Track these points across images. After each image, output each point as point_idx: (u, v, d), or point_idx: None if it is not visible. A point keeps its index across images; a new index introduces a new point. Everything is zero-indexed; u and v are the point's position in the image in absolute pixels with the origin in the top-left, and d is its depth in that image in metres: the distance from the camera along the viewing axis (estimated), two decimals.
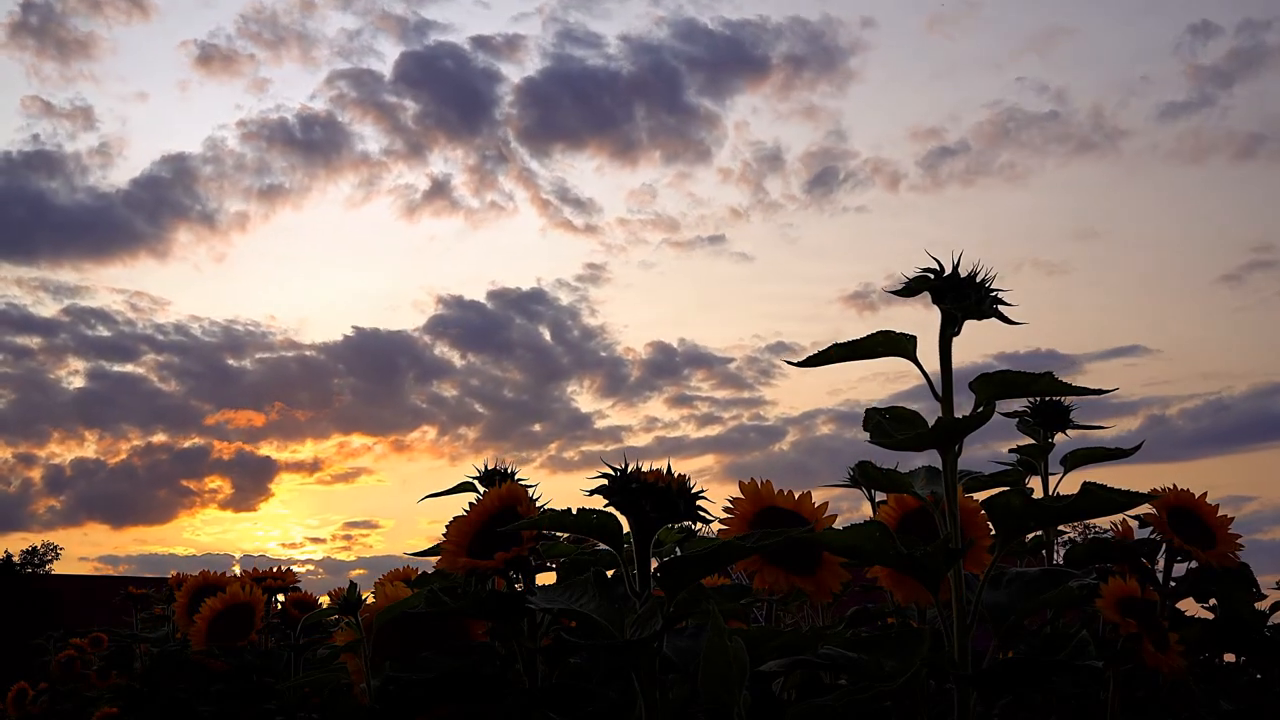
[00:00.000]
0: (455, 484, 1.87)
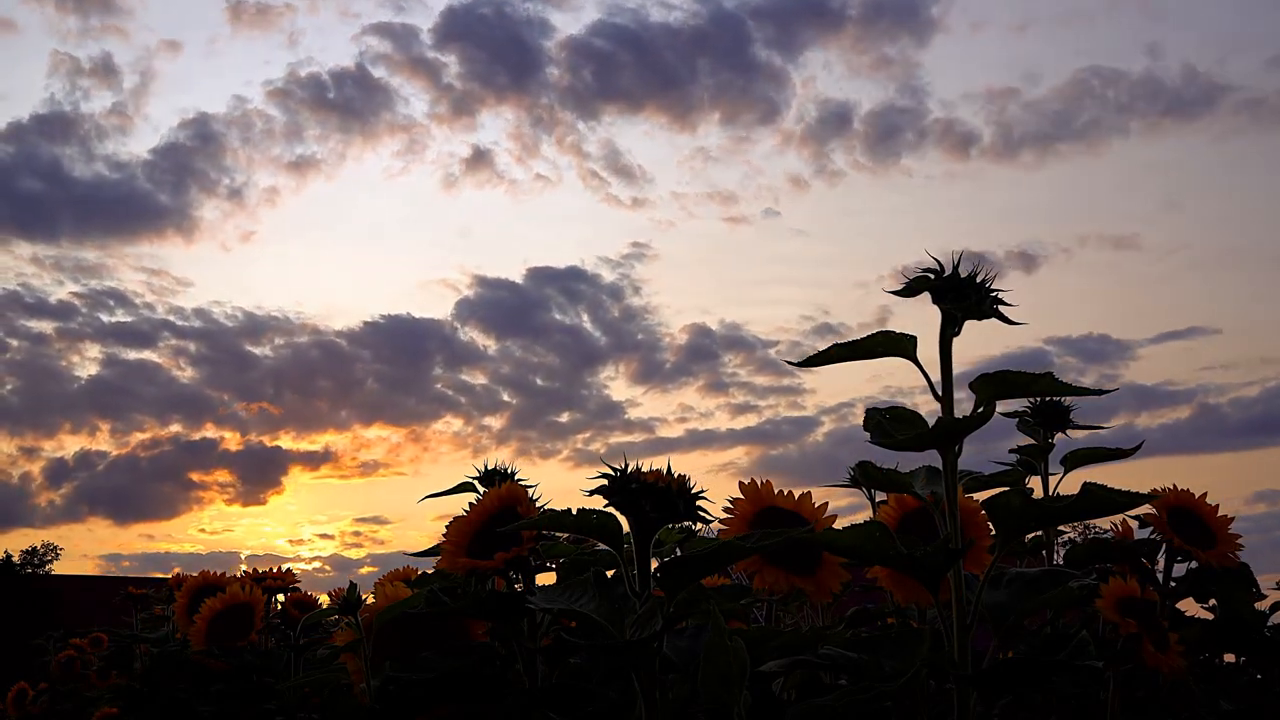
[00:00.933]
0: (455, 484, 1.87)
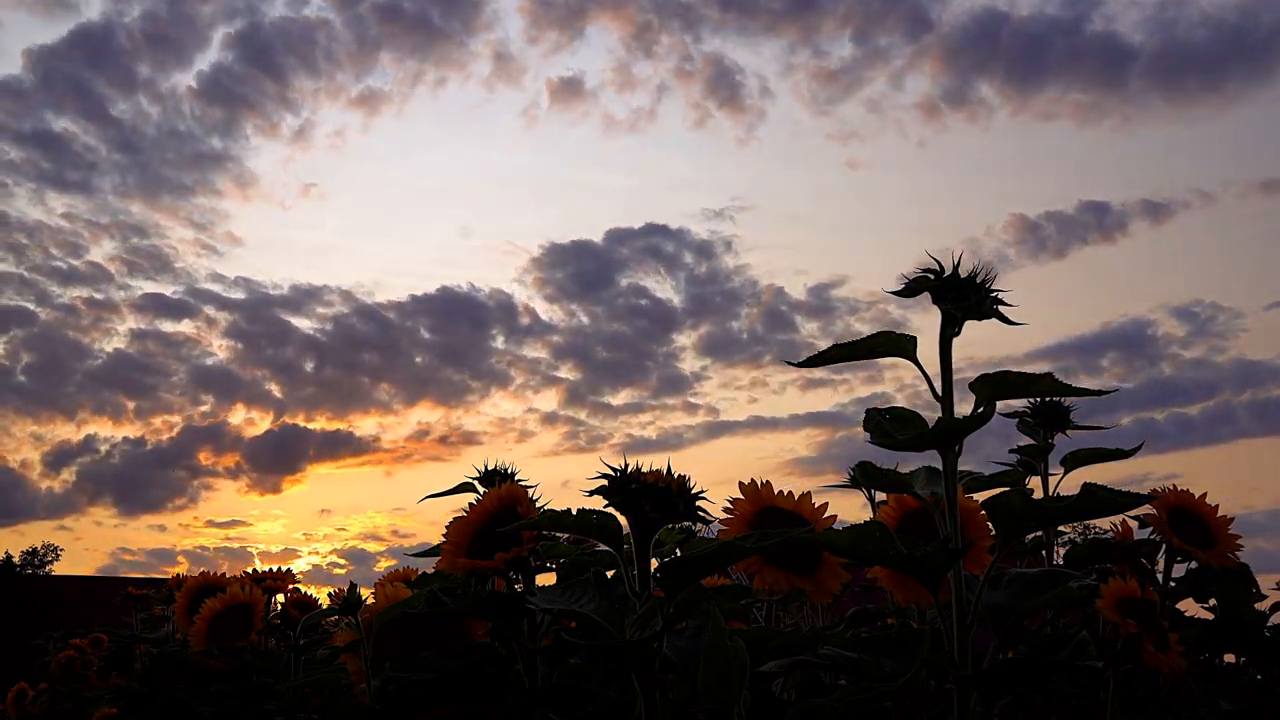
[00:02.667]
0: (456, 484, 1.87)
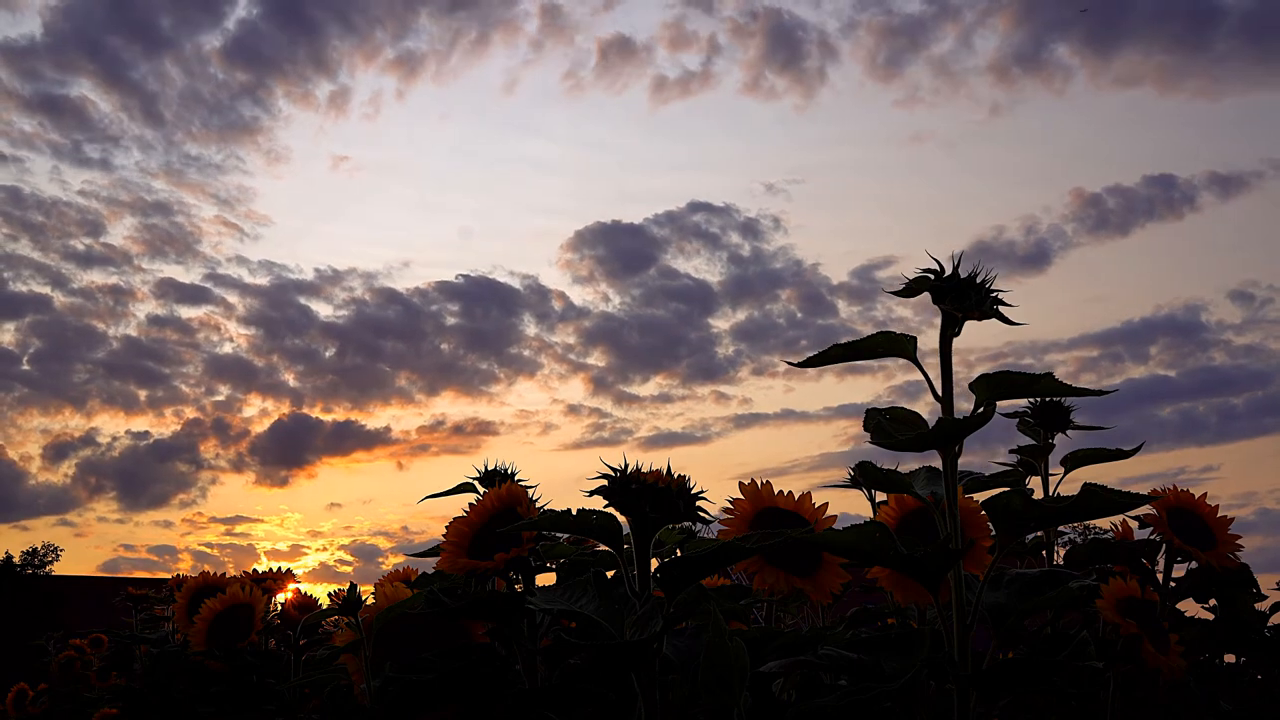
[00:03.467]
0: (456, 484, 1.87)
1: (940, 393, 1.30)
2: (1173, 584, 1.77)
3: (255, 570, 2.72)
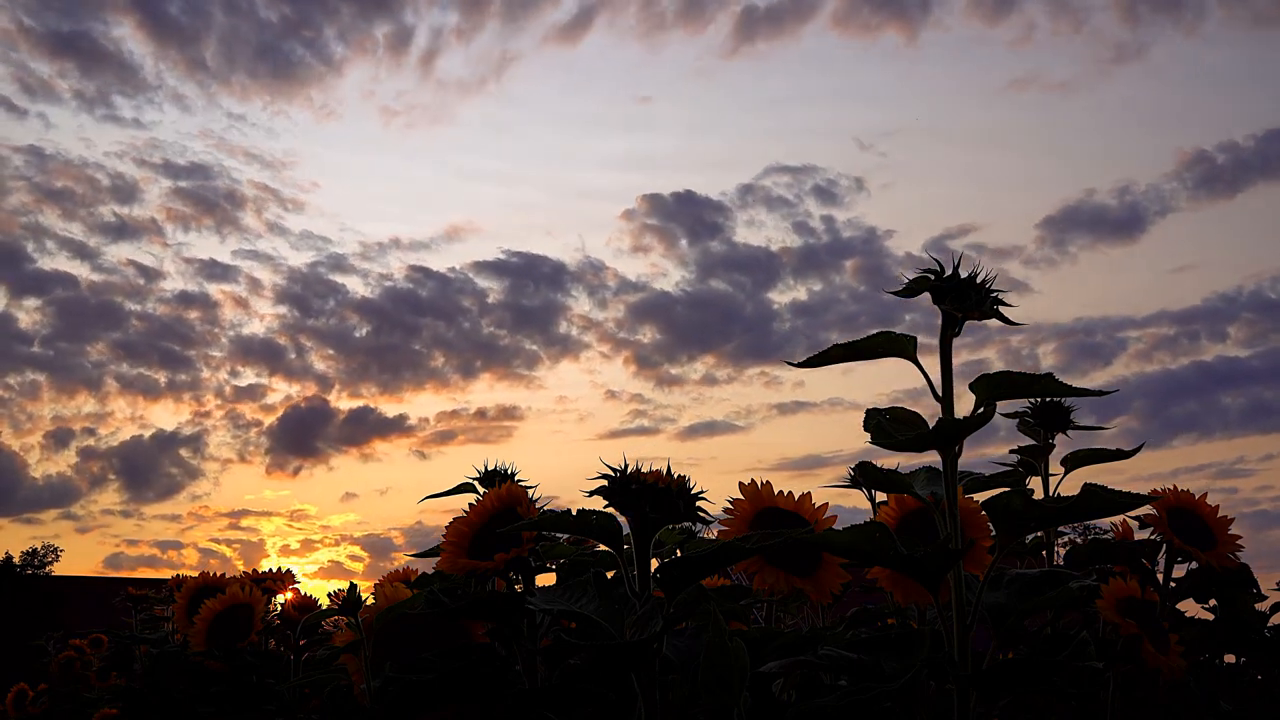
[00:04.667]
0: (456, 484, 1.87)
1: (940, 393, 1.30)
2: (1173, 584, 1.77)
3: (255, 570, 2.72)
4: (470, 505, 1.61)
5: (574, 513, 1.40)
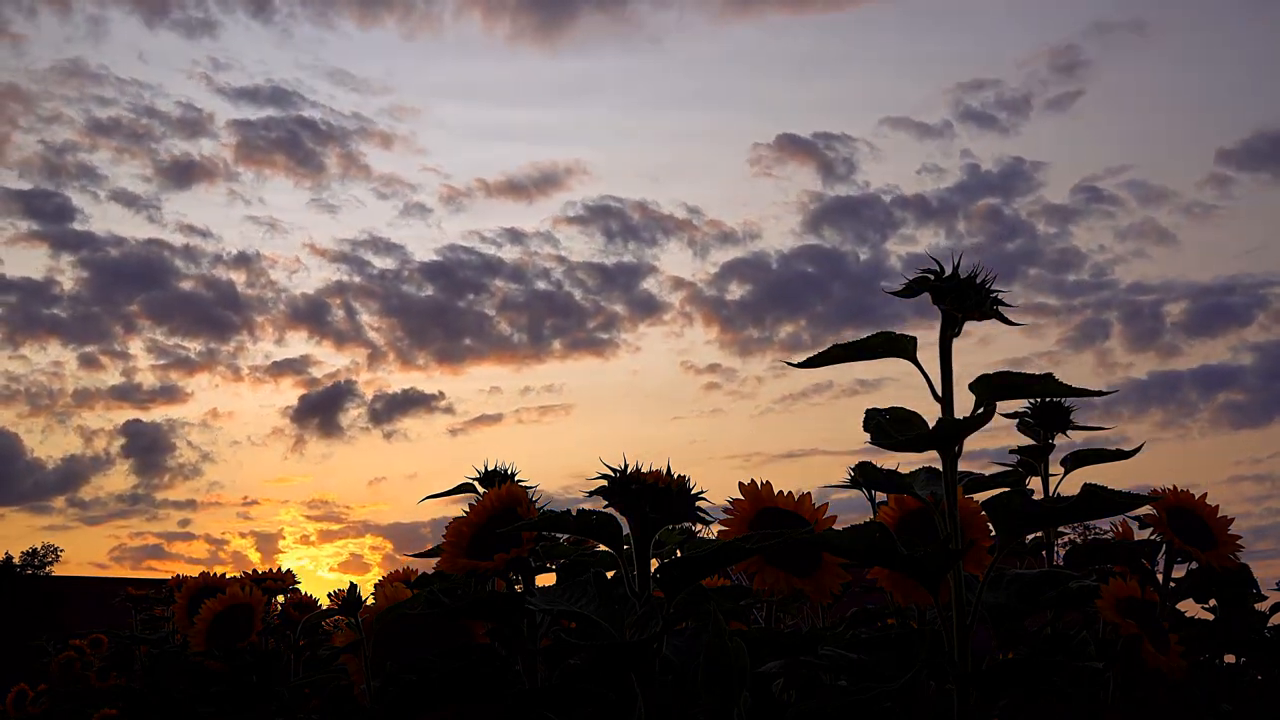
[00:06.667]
0: (455, 485, 1.87)
1: (940, 393, 1.30)
2: (1173, 584, 1.77)
3: (256, 570, 2.72)
4: (470, 505, 1.61)
5: (574, 513, 1.40)
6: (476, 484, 1.86)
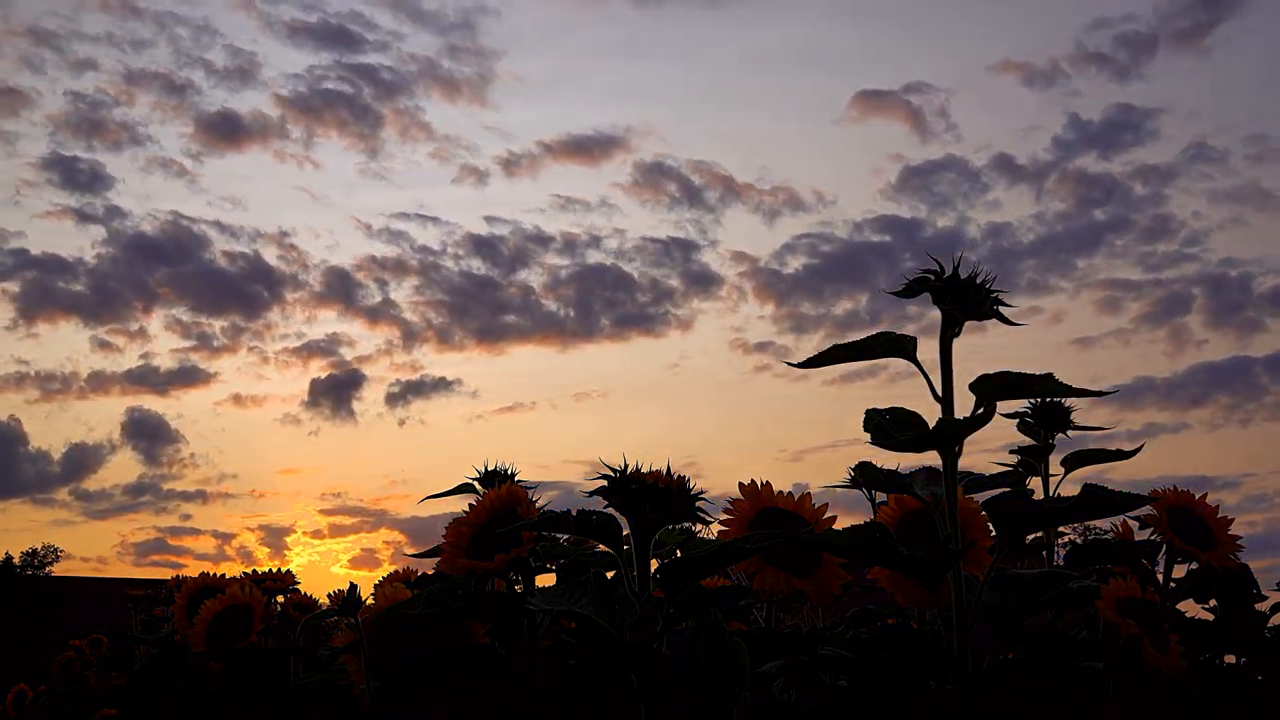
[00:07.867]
0: (455, 485, 1.87)
1: (940, 393, 1.30)
2: (1173, 584, 1.77)
3: (255, 570, 2.72)
4: (470, 505, 1.61)
5: (574, 513, 1.40)
6: (476, 484, 1.86)
